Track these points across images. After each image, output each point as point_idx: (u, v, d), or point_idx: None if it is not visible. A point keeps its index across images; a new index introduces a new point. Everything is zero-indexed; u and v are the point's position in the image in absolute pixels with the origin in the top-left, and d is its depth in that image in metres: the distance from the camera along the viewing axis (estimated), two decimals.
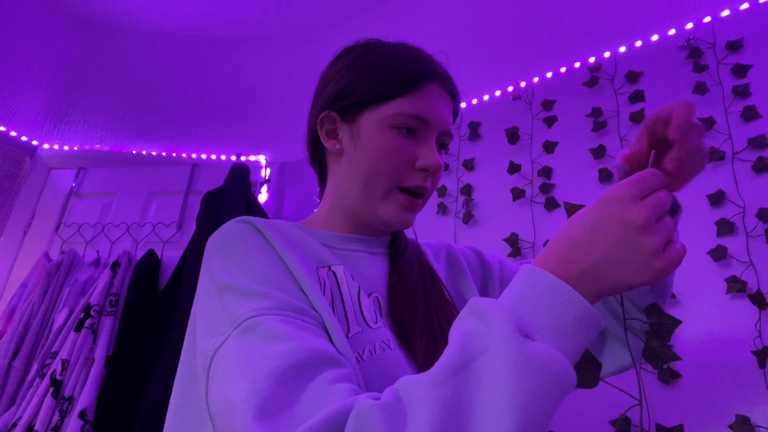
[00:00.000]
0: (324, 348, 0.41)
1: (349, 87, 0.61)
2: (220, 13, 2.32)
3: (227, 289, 0.46)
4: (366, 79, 0.60)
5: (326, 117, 0.62)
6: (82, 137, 2.25)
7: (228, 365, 0.40)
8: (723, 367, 1.02)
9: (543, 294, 0.37)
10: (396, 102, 0.58)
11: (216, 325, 0.44)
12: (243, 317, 0.42)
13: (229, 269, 0.48)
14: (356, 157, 0.59)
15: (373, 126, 0.59)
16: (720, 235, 1.11)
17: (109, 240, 1.94)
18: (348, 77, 0.62)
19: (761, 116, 1.16)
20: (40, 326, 1.63)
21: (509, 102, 1.62)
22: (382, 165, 0.58)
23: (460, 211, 1.58)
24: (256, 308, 0.43)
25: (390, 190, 0.59)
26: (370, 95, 0.59)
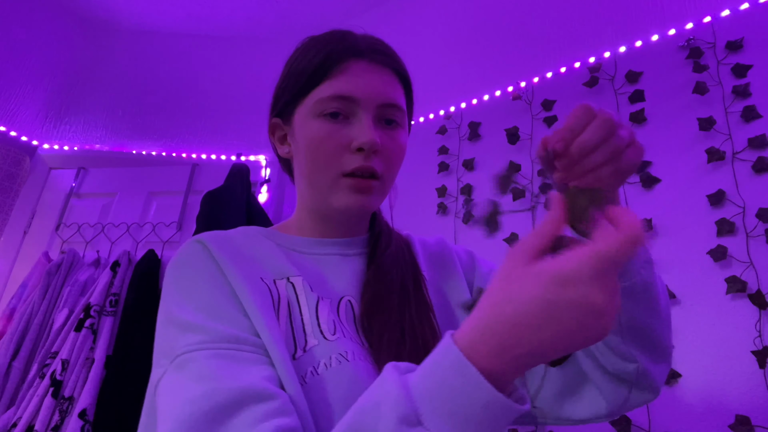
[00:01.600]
0: (251, 384, 0.40)
1: (279, 89, 0.61)
2: (220, 13, 2.32)
3: (171, 322, 0.47)
4: (290, 75, 0.59)
5: (274, 125, 0.62)
6: (82, 137, 2.25)
7: (162, 402, 0.42)
8: (723, 367, 1.02)
9: (444, 381, 0.32)
10: (316, 90, 0.56)
11: (159, 357, 0.46)
12: (178, 352, 0.43)
13: (176, 299, 0.49)
14: (298, 156, 0.59)
15: (302, 120, 0.57)
16: (720, 235, 1.11)
17: (109, 240, 1.94)
18: (279, 80, 0.62)
19: (761, 116, 1.16)
20: (40, 326, 1.63)
21: (509, 102, 1.62)
22: (317, 156, 0.55)
23: (460, 211, 1.58)
24: (190, 343, 0.43)
25: (334, 179, 0.55)
26: (293, 91, 0.58)
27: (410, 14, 2.11)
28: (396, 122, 0.59)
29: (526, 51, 1.68)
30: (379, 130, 0.56)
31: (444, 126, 1.73)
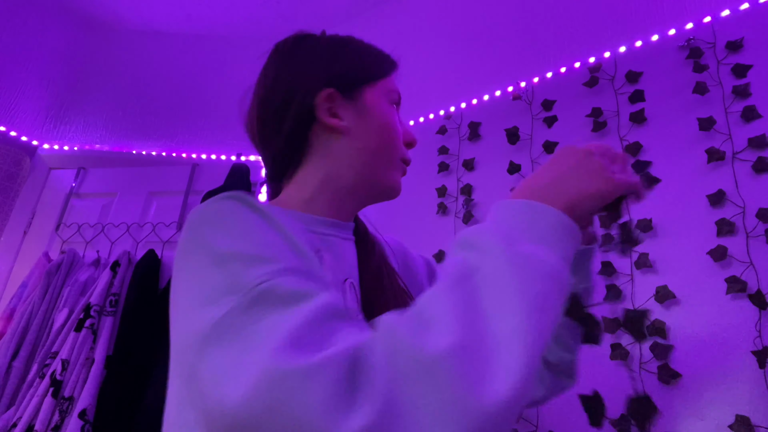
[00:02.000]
0: (340, 303, 0.39)
1: (346, 64, 0.63)
2: (220, 13, 2.32)
3: (229, 258, 0.42)
4: (361, 58, 0.64)
5: (330, 95, 0.60)
6: (82, 137, 2.25)
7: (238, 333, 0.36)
8: (723, 367, 1.02)
9: (516, 214, 0.41)
10: (387, 80, 0.64)
11: (218, 295, 0.39)
12: (253, 283, 0.39)
13: (227, 238, 0.44)
14: (365, 133, 0.60)
15: (376, 101, 0.62)
16: (720, 235, 1.11)
17: (109, 240, 1.94)
18: (340, 56, 0.63)
19: (761, 116, 1.16)
20: (40, 326, 1.63)
21: (509, 102, 1.62)
22: (391, 138, 0.61)
23: (460, 211, 1.58)
24: (265, 272, 0.39)
25: (396, 160, 0.62)
26: (367, 73, 0.63)
27: (410, 14, 2.11)
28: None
29: (526, 51, 1.68)
30: None
31: (444, 126, 1.73)
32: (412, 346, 0.32)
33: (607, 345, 1.17)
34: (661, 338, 1.10)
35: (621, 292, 1.19)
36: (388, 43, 0.67)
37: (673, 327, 1.11)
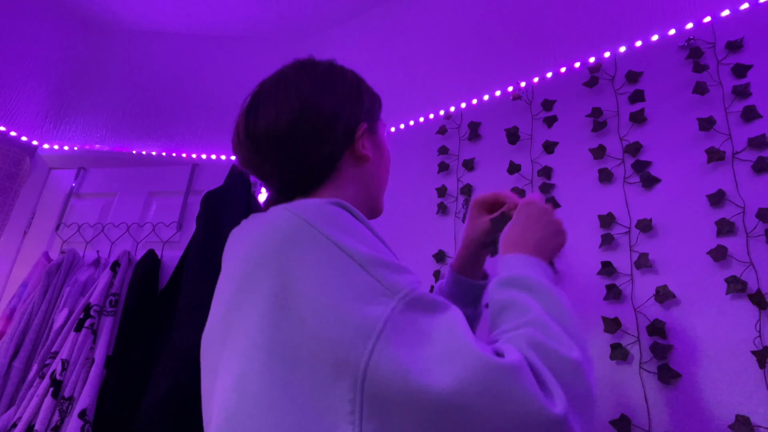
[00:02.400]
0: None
1: (369, 101, 0.73)
2: (220, 13, 2.32)
3: (370, 263, 0.47)
4: (373, 96, 0.75)
5: (365, 128, 0.71)
6: (82, 137, 2.25)
7: (411, 332, 0.44)
8: (723, 367, 1.02)
9: (535, 265, 0.63)
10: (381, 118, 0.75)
11: (372, 295, 0.45)
12: (405, 289, 0.46)
13: (360, 244, 0.50)
14: (379, 163, 0.72)
15: (383, 137, 0.74)
16: (720, 235, 1.11)
17: (109, 240, 1.94)
18: (365, 94, 0.73)
19: (761, 116, 1.16)
20: (40, 326, 1.63)
21: (509, 102, 1.62)
22: (387, 169, 0.75)
23: (460, 211, 1.58)
24: (410, 281, 0.48)
25: (384, 191, 0.76)
26: (378, 110, 0.75)
27: (410, 14, 2.11)
28: None
29: (526, 51, 1.68)
30: None
31: (444, 126, 1.73)
32: (560, 356, 0.47)
33: (607, 345, 1.17)
34: (661, 338, 1.10)
35: (621, 292, 1.19)
36: (389, 43, 0.68)
37: (673, 327, 1.11)
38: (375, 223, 0.76)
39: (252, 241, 0.54)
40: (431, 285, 1.53)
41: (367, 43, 2.20)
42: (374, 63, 2.13)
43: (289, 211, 0.52)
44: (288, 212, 0.52)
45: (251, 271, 0.51)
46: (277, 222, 0.52)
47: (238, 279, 0.53)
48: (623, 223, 1.26)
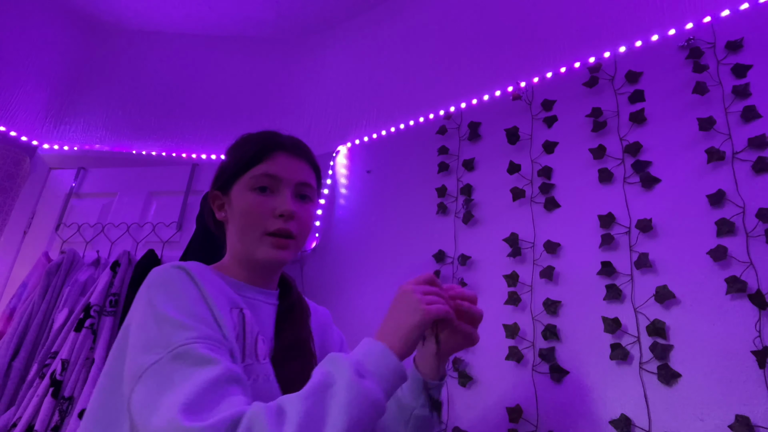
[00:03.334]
0: (235, 369, 0.57)
1: (222, 169, 0.82)
2: (220, 13, 2.32)
3: (164, 320, 0.59)
4: (231, 160, 0.81)
5: (214, 196, 0.82)
6: (82, 137, 2.25)
7: (160, 379, 0.53)
8: (723, 367, 1.02)
9: (368, 351, 0.61)
10: (252, 170, 0.77)
11: (152, 346, 0.57)
12: (177, 344, 0.56)
13: (167, 304, 0.61)
14: (233, 219, 0.78)
15: (239, 193, 0.77)
16: (720, 235, 1.11)
17: (109, 240, 1.94)
18: (222, 162, 0.83)
19: (761, 116, 1.16)
20: (40, 326, 1.63)
21: (509, 102, 1.62)
22: (248, 220, 0.75)
23: (460, 211, 1.58)
24: (186, 338, 0.57)
25: (260, 237, 0.75)
26: (233, 170, 0.79)
27: (410, 14, 2.11)
28: (308, 197, 0.81)
29: (526, 51, 1.68)
30: (296, 203, 0.78)
31: (444, 126, 1.73)
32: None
33: (607, 345, 1.17)
34: (661, 338, 1.10)
35: (621, 292, 1.19)
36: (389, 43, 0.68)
37: (673, 327, 1.11)
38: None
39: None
40: None
41: (368, 44, 2.20)
42: (374, 63, 2.13)
43: (150, 275, 0.69)
44: (149, 275, 0.69)
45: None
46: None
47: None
48: (623, 223, 1.26)
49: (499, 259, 1.43)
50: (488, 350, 1.35)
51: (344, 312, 1.70)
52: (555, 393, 1.20)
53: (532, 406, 1.22)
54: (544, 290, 1.32)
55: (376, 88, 2.07)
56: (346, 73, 2.21)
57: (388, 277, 1.66)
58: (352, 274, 1.76)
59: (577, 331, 1.23)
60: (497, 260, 1.44)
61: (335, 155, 2.06)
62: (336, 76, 2.24)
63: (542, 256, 1.36)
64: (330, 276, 1.83)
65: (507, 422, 1.24)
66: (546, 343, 1.26)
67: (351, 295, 1.72)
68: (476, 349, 1.37)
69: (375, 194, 1.84)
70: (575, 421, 1.15)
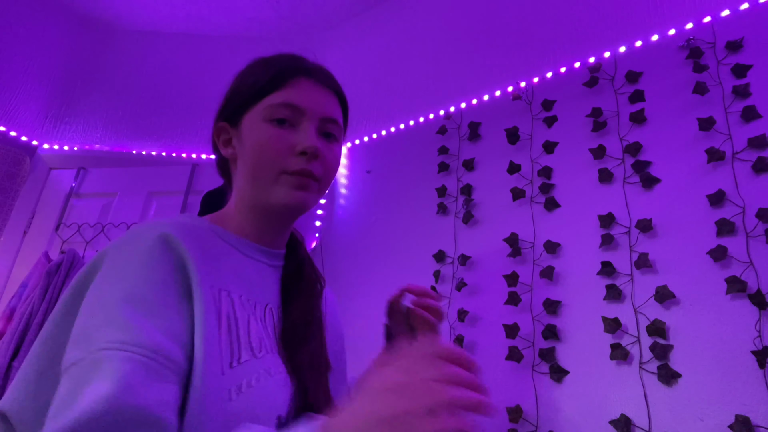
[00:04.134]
0: (150, 406, 0.41)
1: (230, 95, 0.68)
2: (220, 13, 2.32)
3: (101, 306, 0.47)
4: (242, 85, 0.67)
5: (220, 128, 0.68)
6: (82, 137, 2.25)
7: (66, 390, 0.42)
8: (723, 368, 1.02)
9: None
10: (268, 97, 0.63)
11: (80, 340, 0.45)
12: (98, 346, 0.43)
13: (114, 283, 0.48)
14: (244, 156, 0.63)
15: (251, 124, 0.63)
16: (720, 235, 1.11)
17: (109, 240, 1.94)
18: (230, 88, 0.69)
19: (761, 116, 1.16)
20: (40, 326, 1.63)
21: (509, 102, 1.62)
22: (263, 156, 0.61)
23: (460, 211, 1.58)
24: (111, 340, 0.43)
25: (276, 176, 0.61)
26: (245, 97, 0.65)
27: (410, 14, 2.11)
28: (334, 136, 0.67)
29: (526, 51, 1.68)
30: (320, 140, 0.63)
31: (444, 126, 1.73)
32: None
33: (607, 345, 1.17)
34: (661, 338, 1.10)
35: (621, 292, 1.19)
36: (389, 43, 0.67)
37: (673, 327, 1.11)
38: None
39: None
40: (431, 285, 1.53)
41: (368, 43, 2.20)
42: (374, 63, 2.13)
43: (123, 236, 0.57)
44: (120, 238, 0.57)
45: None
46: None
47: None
48: (623, 223, 1.26)
49: (499, 259, 1.43)
50: (488, 350, 1.35)
51: (344, 312, 1.70)
52: (555, 393, 1.20)
53: (532, 406, 1.22)
54: (544, 290, 1.32)
55: (376, 88, 2.07)
56: (346, 73, 2.21)
57: (388, 277, 1.66)
58: (351, 274, 1.76)
59: (577, 331, 1.23)
60: (497, 260, 1.44)
61: None
62: (336, 76, 2.24)
63: (542, 256, 1.36)
64: (330, 276, 1.82)
65: (507, 422, 1.24)
66: (546, 343, 1.26)
67: (351, 295, 1.72)
68: (476, 349, 1.37)
69: (375, 194, 1.84)
70: (575, 421, 1.15)
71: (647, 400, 1.08)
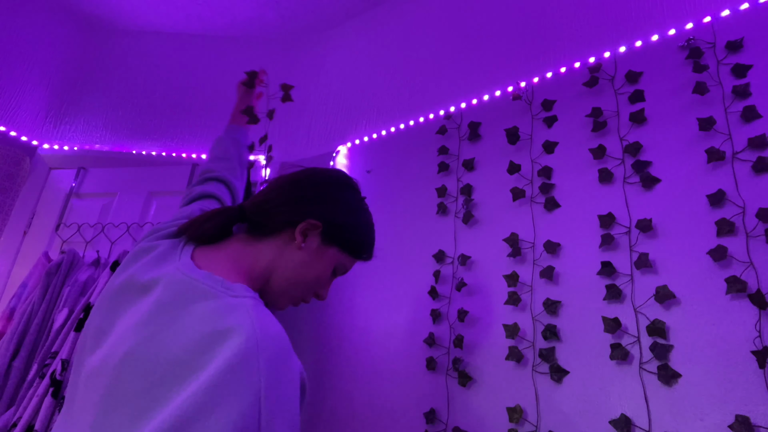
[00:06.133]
0: None
1: (345, 226, 0.78)
2: (220, 13, 2.32)
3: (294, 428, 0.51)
4: (357, 234, 0.80)
5: (315, 225, 0.74)
6: (82, 137, 2.25)
7: None
8: (723, 368, 1.02)
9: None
10: (348, 257, 0.80)
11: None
12: None
13: (278, 419, 0.49)
14: (307, 265, 0.74)
15: (330, 259, 0.77)
16: (720, 235, 1.11)
17: (109, 240, 1.94)
18: (350, 218, 0.79)
19: (761, 116, 1.16)
20: (40, 326, 1.63)
21: (509, 102, 1.62)
22: (312, 285, 0.76)
23: (460, 211, 1.58)
24: None
25: (297, 297, 0.76)
26: (349, 246, 0.79)
27: (410, 14, 2.11)
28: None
29: (526, 51, 1.68)
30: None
31: (444, 126, 1.73)
32: None
33: (607, 345, 1.17)
34: (661, 338, 1.10)
35: (621, 291, 1.19)
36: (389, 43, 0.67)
37: (673, 327, 1.11)
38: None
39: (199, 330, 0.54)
40: (432, 285, 1.53)
41: (368, 43, 2.20)
42: (374, 63, 2.13)
43: (254, 331, 0.52)
44: (253, 331, 0.52)
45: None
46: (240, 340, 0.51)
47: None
48: (623, 223, 1.26)
49: (499, 259, 1.43)
50: (488, 350, 1.35)
51: (344, 313, 1.70)
52: (555, 393, 1.20)
53: (532, 406, 1.22)
54: (544, 290, 1.32)
55: (376, 88, 2.07)
56: (346, 73, 2.21)
57: (388, 277, 1.66)
58: (351, 275, 1.76)
59: (577, 331, 1.23)
60: (497, 260, 1.44)
61: (335, 155, 2.06)
62: (336, 76, 2.24)
63: (542, 256, 1.36)
64: None
65: (507, 422, 1.24)
66: (546, 343, 1.26)
67: (351, 295, 1.72)
68: (476, 349, 1.37)
69: (375, 194, 1.84)
70: (575, 421, 1.15)
71: (647, 400, 1.08)
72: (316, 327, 1.74)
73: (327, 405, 1.60)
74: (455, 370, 1.38)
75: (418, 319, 1.53)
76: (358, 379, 1.57)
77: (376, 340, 1.59)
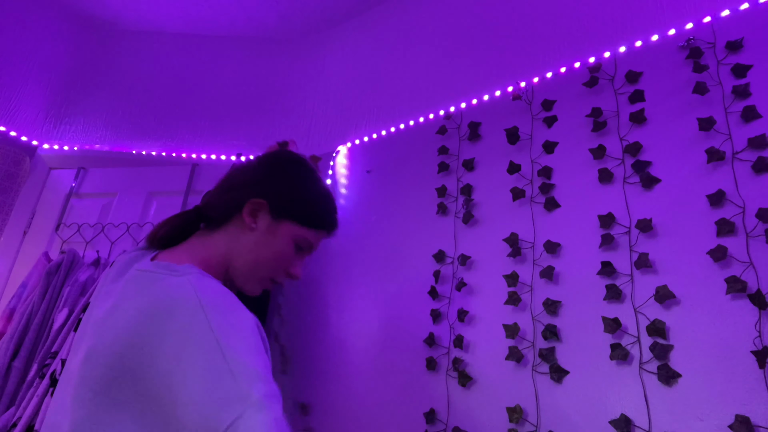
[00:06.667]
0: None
1: (291, 198, 0.78)
2: (220, 14, 2.32)
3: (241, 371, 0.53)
4: (307, 204, 0.79)
5: (260, 203, 0.76)
6: (82, 137, 2.25)
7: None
8: (723, 368, 1.02)
9: None
10: (309, 229, 0.78)
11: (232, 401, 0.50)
12: (257, 396, 0.51)
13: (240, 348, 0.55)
14: (262, 244, 0.75)
15: (286, 235, 0.76)
16: (720, 235, 1.11)
17: (109, 240, 1.94)
18: (296, 190, 0.79)
19: (761, 116, 1.16)
20: (40, 326, 1.63)
21: (509, 102, 1.62)
22: (274, 263, 0.76)
23: (460, 211, 1.58)
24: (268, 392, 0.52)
25: (262, 278, 0.77)
26: (301, 217, 0.78)
27: (410, 14, 2.11)
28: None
29: (526, 51, 1.68)
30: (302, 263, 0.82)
31: (444, 126, 1.73)
32: None
33: (607, 345, 1.17)
34: (661, 338, 1.10)
35: (621, 291, 1.19)
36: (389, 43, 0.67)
37: (673, 327, 1.11)
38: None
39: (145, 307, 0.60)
40: (432, 285, 1.53)
41: (368, 43, 2.20)
42: (374, 63, 2.13)
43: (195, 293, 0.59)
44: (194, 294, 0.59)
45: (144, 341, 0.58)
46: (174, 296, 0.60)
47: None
48: (623, 223, 1.26)
49: (499, 259, 1.43)
50: (488, 350, 1.35)
51: (344, 313, 1.70)
52: (555, 393, 1.20)
53: (532, 406, 1.22)
54: (544, 290, 1.32)
55: (376, 88, 2.07)
56: (346, 73, 2.21)
57: (387, 277, 1.66)
58: (351, 275, 1.76)
59: (577, 331, 1.23)
60: (497, 260, 1.44)
61: (335, 155, 2.06)
62: (336, 76, 2.24)
63: (542, 256, 1.36)
64: (329, 276, 1.83)
65: (507, 422, 1.24)
66: (546, 343, 1.26)
67: (351, 295, 1.72)
68: (476, 349, 1.37)
69: (375, 194, 1.84)
70: (575, 421, 1.15)
71: (647, 400, 1.08)
72: (316, 327, 1.74)
73: (327, 405, 1.60)
74: (455, 370, 1.38)
75: (418, 319, 1.53)
76: (358, 379, 1.57)
77: (376, 341, 1.59)
